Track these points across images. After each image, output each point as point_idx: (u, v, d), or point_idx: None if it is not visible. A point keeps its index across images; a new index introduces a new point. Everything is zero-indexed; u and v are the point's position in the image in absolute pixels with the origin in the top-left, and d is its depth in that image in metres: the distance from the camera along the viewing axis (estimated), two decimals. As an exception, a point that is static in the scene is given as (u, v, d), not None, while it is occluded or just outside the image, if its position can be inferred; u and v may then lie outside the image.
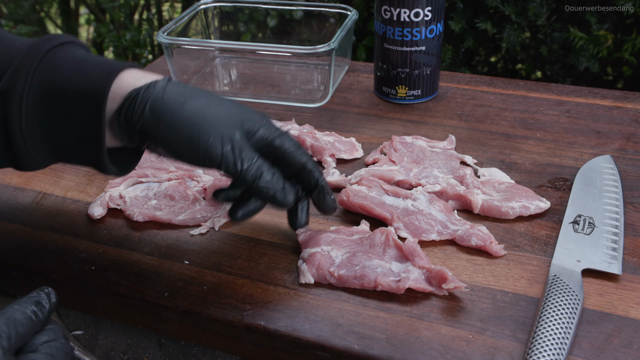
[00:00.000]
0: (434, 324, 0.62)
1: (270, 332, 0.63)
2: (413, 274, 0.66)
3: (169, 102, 0.60)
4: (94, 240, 0.76)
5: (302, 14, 1.22)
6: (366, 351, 0.60)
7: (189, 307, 0.66)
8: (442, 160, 0.85)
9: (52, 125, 0.60)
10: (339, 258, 0.69)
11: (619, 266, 0.67)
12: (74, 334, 0.75)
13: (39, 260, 0.73)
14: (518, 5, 1.24)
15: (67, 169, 0.89)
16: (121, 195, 0.80)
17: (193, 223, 0.77)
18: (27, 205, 0.82)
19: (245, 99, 1.07)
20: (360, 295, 0.66)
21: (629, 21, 1.29)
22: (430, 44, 0.97)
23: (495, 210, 0.75)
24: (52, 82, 0.59)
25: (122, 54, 1.88)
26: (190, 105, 0.60)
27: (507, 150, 0.88)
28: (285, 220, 0.77)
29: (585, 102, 1.00)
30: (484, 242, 0.70)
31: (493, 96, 1.03)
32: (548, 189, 0.80)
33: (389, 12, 0.95)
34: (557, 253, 0.69)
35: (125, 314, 0.70)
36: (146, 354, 0.72)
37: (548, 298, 0.62)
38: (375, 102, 1.03)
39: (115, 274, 0.70)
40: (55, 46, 0.60)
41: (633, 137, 0.90)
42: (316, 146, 0.88)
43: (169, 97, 0.60)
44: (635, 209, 0.76)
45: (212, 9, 1.20)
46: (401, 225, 0.73)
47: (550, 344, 0.57)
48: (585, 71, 1.30)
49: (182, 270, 0.70)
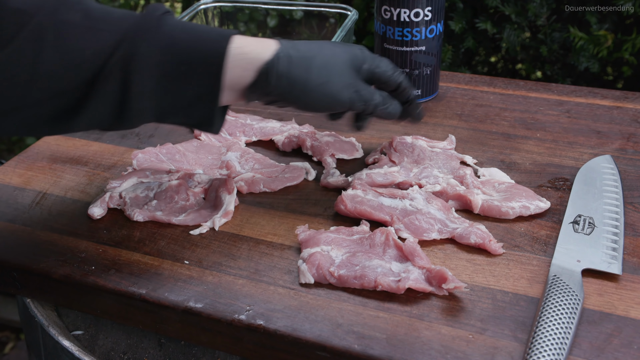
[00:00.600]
0: (434, 324, 0.62)
1: (270, 332, 0.63)
2: (413, 274, 0.66)
3: (298, 70, 0.69)
4: (94, 240, 0.76)
5: (302, 14, 1.22)
6: (366, 351, 0.60)
7: (188, 307, 0.66)
8: (442, 160, 0.85)
9: (167, 86, 0.65)
10: (339, 258, 0.69)
11: (619, 266, 0.67)
12: (74, 334, 0.75)
13: (39, 260, 0.73)
14: (518, 5, 1.24)
15: (67, 168, 0.89)
16: (121, 195, 0.80)
17: (193, 223, 0.77)
18: (27, 205, 0.82)
19: (245, 99, 1.07)
20: (360, 295, 0.66)
21: (629, 21, 1.29)
22: (430, 44, 0.97)
23: (495, 210, 0.75)
24: (171, 47, 0.64)
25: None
26: (315, 67, 0.70)
27: (507, 150, 0.88)
28: (285, 220, 0.78)
29: (585, 102, 1.00)
30: (483, 240, 0.70)
31: (493, 96, 1.03)
32: (548, 189, 0.80)
33: (389, 12, 0.95)
34: (557, 253, 0.69)
35: (125, 314, 0.70)
36: (146, 354, 0.72)
37: (548, 298, 0.62)
38: (375, 102, 1.03)
39: (115, 274, 0.70)
40: (163, 13, 0.66)
41: (633, 137, 0.90)
42: (316, 146, 0.88)
43: (296, 65, 0.69)
44: (635, 209, 0.76)
45: (212, 9, 1.20)
46: (402, 227, 0.73)
47: (550, 344, 0.57)
48: (585, 71, 1.30)
49: (182, 270, 0.70)
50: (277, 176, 0.84)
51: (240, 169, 0.86)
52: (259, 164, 0.87)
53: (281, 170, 0.85)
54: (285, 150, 0.91)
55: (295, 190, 0.83)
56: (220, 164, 0.87)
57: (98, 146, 0.94)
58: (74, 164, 0.90)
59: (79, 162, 0.91)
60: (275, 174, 0.84)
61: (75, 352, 0.70)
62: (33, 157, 0.92)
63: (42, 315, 0.75)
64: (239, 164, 0.87)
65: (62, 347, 0.71)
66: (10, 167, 0.90)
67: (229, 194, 0.79)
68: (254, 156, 0.88)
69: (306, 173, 0.85)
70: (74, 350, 0.70)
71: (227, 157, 0.87)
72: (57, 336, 0.72)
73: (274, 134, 0.93)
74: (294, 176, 0.84)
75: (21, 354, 1.81)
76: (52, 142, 0.96)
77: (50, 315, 0.75)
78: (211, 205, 0.80)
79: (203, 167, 0.87)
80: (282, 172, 0.85)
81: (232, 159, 0.87)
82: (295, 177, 0.84)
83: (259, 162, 0.87)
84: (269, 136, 0.93)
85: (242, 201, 0.81)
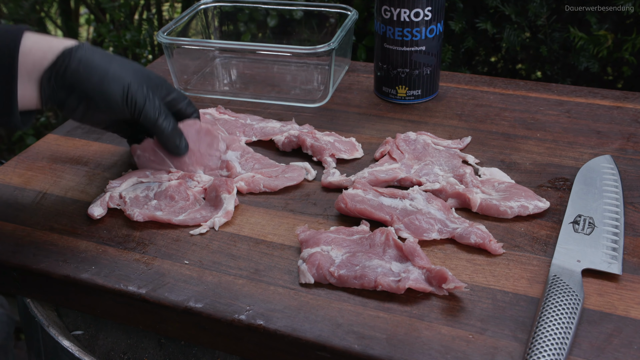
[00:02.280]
0: (434, 324, 0.62)
1: (270, 332, 0.63)
2: (413, 274, 0.66)
3: (99, 60, 0.73)
4: (94, 240, 0.76)
5: (302, 14, 1.22)
6: (366, 351, 0.60)
7: (188, 307, 0.66)
8: (444, 158, 0.85)
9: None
10: (339, 258, 0.69)
11: (619, 266, 0.67)
12: (74, 334, 0.75)
13: (39, 260, 0.73)
14: (518, 5, 1.24)
15: (67, 168, 0.89)
16: (121, 195, 0.80)
17: (193, 223, 0.77)
18: (27, 205, 0.82)
19: (245, 98, 1.07)
20: (360, 295, 0.66)
21: (629, 21, 1.29)
22: (430, 44, 0.97)
23: (493, 209, 0.75)
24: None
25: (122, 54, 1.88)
26: (116, 62, 0.75)
27: (507, 150, 0.88)
28: (285, 220, 0.77)
29: (585, 102, 1.00)
30: (483, 240, 0.70)
31: (493, 96, 1.03)
32: (548, 189, 0.80)
33: (389, 12, 0.95)
34: (557, 253, 0.69)
35: (125, 314, 0.70)
36: (146, 354, 0.72)
37: (548, 298, 0.62)
38: (375, 102, 1.03)
39: (115, 274, 0.70)
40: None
41: (633, 137, 0.90)
42: (316, 146, 0.88)
43: (98, 55, 0.73)
44: (635, 209, 0.76)
45: (212, 9, 1.20)
46: (402, 226, 0.73)
47: (550, 344, 0.57)
48: (585, 71, 1.30)
49: (182, 270, 0.70)
50: (277, 176, 0.84)
51: (240, 169, 0.86)
52: (259, 164, 0.87)
53: (281, 170, 0.85)
54: (285, 150, 0.91)
55: (295, 190, 0.83)
56: (220, 164, 0.87)
57: (98, 146, 0.94)
58: (74, 164, 0.90)
59: (79, 162, 0.91)
60: (276, 174, 0.84)
61: (75, 352, 0.70)
62: (33, 157, 0.92)
63: (42, 315, 0.75)
64: (239, 164, 0.87)
65: (62, 347, 0.71)
66: (10, 167, 0.90)
67: (229, 194, 0.79)
68: (254, 156, 0.88)
69: (306, 173, 0.85)
70: (74, 351, 0.70)
71: (227, 157, 0.87)
72: (57, 336, 0.72)
73: (274, 134, 0.93)
74: (294, 176, 0.84)
75: (21, 354, 1.81)
76: (52, 142, 0.96)
77: (50, 315, 0.75)
78: (211, 205, 0.80)
79: (204, 168, 0.87)
80: (282, 172, 0.85)
81: (232, 158, 0.87)
82: (295, 177, 0.84)
83: (259, 162, 0.87)
84: (269, 136, 0.93)
85: (242, 201, 0.81)
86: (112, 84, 0.73)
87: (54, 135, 0.98)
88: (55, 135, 0.98)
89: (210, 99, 1.07)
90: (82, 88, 0.72)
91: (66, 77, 0.71)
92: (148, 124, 0.78)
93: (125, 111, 0.76)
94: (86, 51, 0.73)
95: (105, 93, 0.73)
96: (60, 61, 0.71)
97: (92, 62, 0.72)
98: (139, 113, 0.76)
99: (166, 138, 0.80)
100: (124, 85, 0.74)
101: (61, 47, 0.71)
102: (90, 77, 0.72)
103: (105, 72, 0.73)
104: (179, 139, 0.82)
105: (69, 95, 0.73)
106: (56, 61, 0.71)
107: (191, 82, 1.12)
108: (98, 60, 0.73)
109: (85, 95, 0.73)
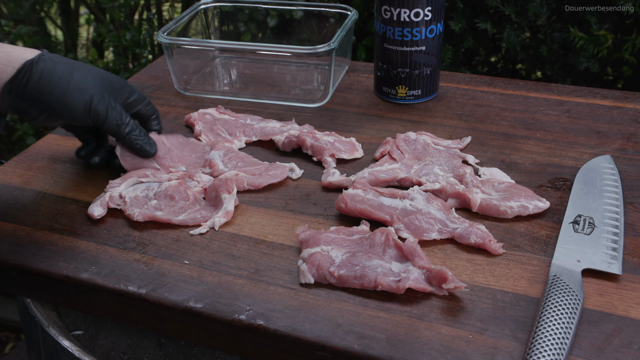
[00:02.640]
0: (434, 324, 0.62)
1: (270, 332, 0.63)
2: (413, 274, 0.66)
3: (62, 71, 0.73)
4: (94, 240, 0.76)
5: (302, 14, 1.22)
6: (366, 351, 0.60)
7: (188, 307, 0.66)
8: (444, 158, 0.85)
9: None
10: (339, 258, 0.69)
11: (619, 266, 0.67)
12: (73, 334, 0.75)
13: (39, 260, 0.73)
14: (518, 5, 1.24)
15: (67, 168, 0.89)
16: (121, 195, 0.80)
17: (193, 223, 0.77)
18: (27, 205, 0.82)
19: (245, 98, 1.07)
20: (360, 295, 0.66)
21: (629, 21, 1.29)
22: (430, 44, 0.97)
23: (493, 209, 0.75)
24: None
25: (122, 54, 1.88)
26: (79, 72, 0.75)
27: (507, 150, 0.88)
28: (285, 220, 0.77)
29: (585, 102, 1.00)
30: (483, 240, 0.70)
31: (493, 96, 1.03)
32: (548, 189, 0.80)
33: (389, 12, 0.95)
34: (557, 253, 0.69)
35: (125, 314, 0.70)
36: (146, 354, 0.72)
37: (548, 298, 0.62)
38: (375, 102, 1.03)
39: (115, 274, 0.70)
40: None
41: (633, 137, 0.90)
42: (316, 146, 0.88)
43: (60, 66, 0.74)
44: (635, 209, 0.76)
45: (212, 9, 1.20)
46: (402, 226, 0.73)
47: (550, 344, 0.57)
48: (585, 71, 1.30)
49: (182, 270, 0.70)
50: (261, 174, 0.84)
51: (223, 168, 0.86)
52: (242, 162, 0.87)
53: (264, 168, 0.85)
54: (285, 150, 0.91)
55: (296, 191, 0.83)
56: (203, 163, 0.87)
57: (98, 146, 0.94)
58: (74, 164, 0.90)
59: (79, 162, 0.91)
60: (259, 172, 0.84)
61: (75, 352, 0.70)
62: (33, 157, 0.92)
63: (42, 315, 0.75)
64: (222, 162, 0.87)
65: (62, 347, 0.71)
66: (10, 167, 0.90)
67: (229, 194, 0.79)
68: (238, 155, 0.88)
69: (290, 171, 0.85)
70: (74, 350, 0.70)
71: (211, 156, 0.87)
72: (57, 336, 0.72)
73: (274, 134, 0.93)
74: (277, 173, 0.84)
75: (21, 354, 1.81)
76: (52, 142, 0.96)
77: (50, 315, 0.75)
78: (211, 205, 0.80)
79: (186, 165, 0.87)
80: (266, 170, 0.85)
81: (215, 157, 0.87)
82: (279, 174, 0.84)
83: (242, 160, 0.87)
84: (269, 136, 0.93)
85: (242, 201, 0.81)
86: (75, 96, 0.74)
87: (54, 135, 0.98)
88: (55, 135, 0.98)
89: (210, 99, 1.07)
90: (44, 100, 0.73)
91: (27, 90, 0.71)
92: (111, 132, 0.80)
93: (87, 121, 0.77)
94: (47, 63, 0.72)
95: (68, 105, 0.74)
96: (21, 74, 0.71)
97: (54, 75, 0.72)
98: (102, 123, 0.78)
99: (129, 142, 0.82)
100: (86, 99, 0.75)
101: (21, 59, 0.71)
102: (53, 90, 0.72)
103: (67, 85, 0.73)
104: (142, 141, 0.83)
105: (31, 106, 0.73)
106: (16, 74, 0.71)
107: (191, 82, 1.12)
108: (60, 72, 0.73)
109: (47, 107, 0.74)
